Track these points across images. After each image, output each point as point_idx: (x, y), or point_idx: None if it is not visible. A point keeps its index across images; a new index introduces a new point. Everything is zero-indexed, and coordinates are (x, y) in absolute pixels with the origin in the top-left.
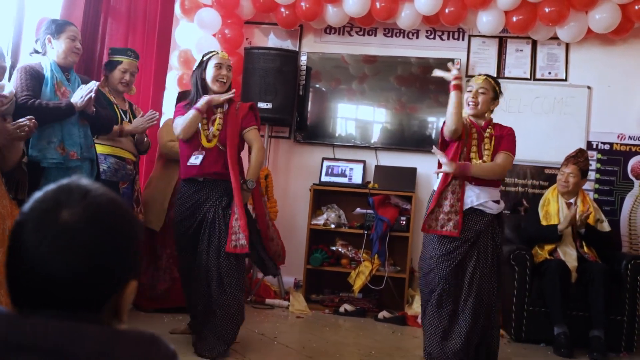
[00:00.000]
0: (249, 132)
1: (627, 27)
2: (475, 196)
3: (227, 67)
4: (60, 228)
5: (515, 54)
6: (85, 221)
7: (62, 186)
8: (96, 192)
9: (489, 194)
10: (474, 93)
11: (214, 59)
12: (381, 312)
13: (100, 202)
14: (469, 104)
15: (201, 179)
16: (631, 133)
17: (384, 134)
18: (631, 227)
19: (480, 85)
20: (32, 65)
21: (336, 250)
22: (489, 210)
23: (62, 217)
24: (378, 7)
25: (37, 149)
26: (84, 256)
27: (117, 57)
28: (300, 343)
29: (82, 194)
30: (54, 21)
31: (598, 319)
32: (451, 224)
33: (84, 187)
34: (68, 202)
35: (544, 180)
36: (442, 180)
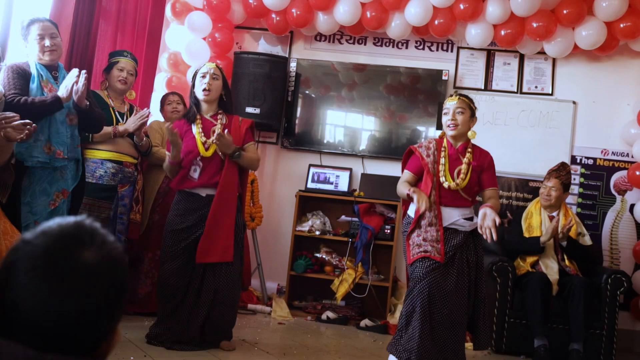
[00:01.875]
0: (250, 146)
1: (613, 44)
2: (447, 217)
3: (211, 75)
4: (81, 269)
5: (502, 67)
6: (110, 266)
7: (80, 226)
8: (109, 238)
9: (460, 213)
10: (452, 114)
11: (201, 70)
12: (363, 320)
13: (117, 248)
14: (449, 126)
15: (204, 194)
16: (615, 149)
17: (372, 142)
18: (612, 242)
19: (457, 105)
20: (19, 64)
21: (320, 257)
22: (461, 228)
23: (84, 258)
24: (368, 16)
25: (23, 146)
26: (97, 299)
27: (115, 58)
28: (281, 349)
29: (102, 237)
30: (22, 22)
31: (578, 332)
32: (434, 249)
33: (100, 230)
34: (91, 243)
35: (528, 192)
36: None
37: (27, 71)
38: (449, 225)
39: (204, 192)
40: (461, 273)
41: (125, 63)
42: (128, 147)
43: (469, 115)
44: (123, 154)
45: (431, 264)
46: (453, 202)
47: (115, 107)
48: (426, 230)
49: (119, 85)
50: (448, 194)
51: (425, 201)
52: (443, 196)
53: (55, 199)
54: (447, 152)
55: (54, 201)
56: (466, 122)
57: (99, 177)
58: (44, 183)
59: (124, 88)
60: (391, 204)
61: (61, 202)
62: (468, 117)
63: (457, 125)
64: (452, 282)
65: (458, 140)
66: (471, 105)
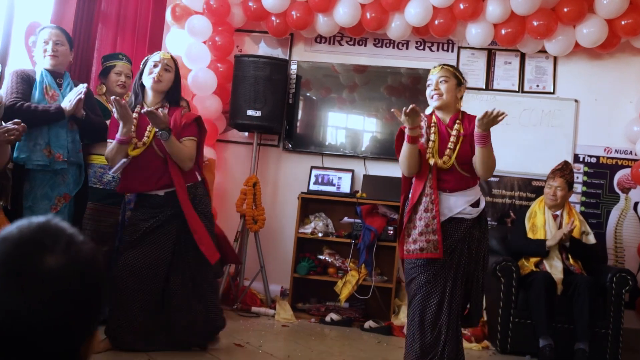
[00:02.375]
0: (186, 141)
1: (614, 41)
2: (453, 206)
3: (164, 65)
4: (43, 275)
5: (503, 67)
6: (75, 271)
7: (43, 228)
8: (78, 239)
9: (465, 199)
10: (435, 84)
11: (153, 57)
12: (367, 322)
13: (85, 250)
14: (432, 97)
15: (162, 193)
16: (617, 147)
17: (373, 143)
18: (617, 240)
19: (440, 74)
20: (24, 70)
21: (323, 259)
22: (468, 216)
23: (46, 264)
24: (368, 17)
25: (23, 150)
26: (64, 306)
27: (110, 62)
28: (286, 352)
29: (68, 239)
30: (36, 31)
31: (583, 331)
32: (430, 245)
33: (66, 231)
34: (54, 247)
35: (531, 192)
36: (413, 192)
37: (32, 77)
38: (454, 215)
39: (161, 192)
40: (459, 266)
41: (122, 66)
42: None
43: (455, 84)
44: None
45: (427, 274)
46: (457, 185)
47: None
48: (421, 217)
49: (119, 89)
50: (450, 177)
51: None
52: (445, 180)
53: (57, 203)
54: (438, 129)
55: (55, 205)
56: (451, 90)
57: (106, 183)
58: (45, 187)
59: (123, 92)
60: (394, 205)
61: (63, 206)
62: (453, 86)
63: (442, 95)
64: (449, 281)
65: (447, 114)
66: (457, 73)
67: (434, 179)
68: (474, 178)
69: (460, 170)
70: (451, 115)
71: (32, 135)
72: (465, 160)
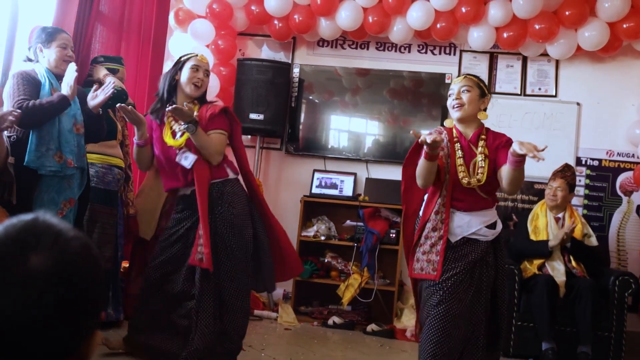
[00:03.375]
0: (213, 134)
1: (616, 45)
2: (466, 226)
3: (204, 71)
4: (28, 277)
5: (505, 70)
6: (60, 270)
7: (27, 226)
8: (67, 234)
9: (480, 219)
10: (456, 93)
11: (192, 61)
12: (370, 325)
13: (73, 247)
14: (453, 107)
15: (189, 192)
16: (620, 149)
17: (376, 146)
18: (619, 243)
19: (462, 83)
20: (27, 71)
21: (326, 262)
22: (483, 238)
23: (31, 264)
24: (370, 21)
25: (36, 155)
26: (54, 308)
27: (115, 65)
28: (288, 355)
29: (54, 236)
30: (45, 29)
31: (585, 334)
32: (430, 266)
33: (53, 228)
34: (38, 246)
35: (534, 195)
36: (425, 209)
37: (36, 79)
38: (469, 235)
39: (188, 190)
40: (479, 291)
41: (123, 72)
42: (117, 151)
43: (478, 94)
44: (114, 156)
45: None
46: (472, 205)
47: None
48: (428, 235)
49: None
50: (465, 196)
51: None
52: (459, 199)
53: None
54: (461, 144)
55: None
56: (474, 101)
57: (107, 183)
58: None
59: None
60: (396, 208)
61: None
62: (476, 96)
63: (463, 105)
64: (466, 304)
65: (469, 127)
66: (481, 84)
67: (448, 196)
68: (492, 200)
69: (479, 191)
70: (474, 129)
71: (44, 140)
72: (488, 180)
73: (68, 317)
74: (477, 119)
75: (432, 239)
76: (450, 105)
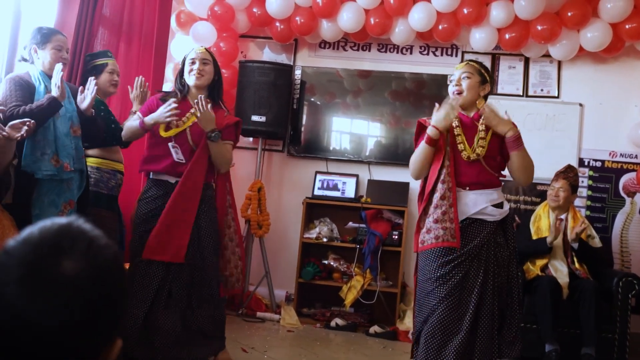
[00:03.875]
0: (226, 144)
1: (618, 45)
2: (472, 204)
3: (201, 60)
4: (61, 281)
5: (508, 71)
6: (92, 276)
7: (62, 230)
8: (100, 241)
9: (487, 197)
10: (457, 80)
11: (189, 55)
12: (372, 327)
13: (106, 255)
14: (453, 93)
15: (173, 181)
16: (623, 150)
17: (378, 148)
18: (623, 244)
19: (463, 70)
20: (21, 75)
21: (328, 264)
22: (490, 217)
23: (63, 269)
24: (372, 22)
25: (32, 160)
26: (83, 314)
27: (101, 60)
28: (291, 357)
29: (88, 242)
30: (40, 30)
31: (589, 336)
32: (448, 233)
33: (87, 233)
34: (72, 251)
35: (536, 196)
36: (428, 181)
37: (30, 83)
38: (474, 214)
39: (172, 179)
40: (487, 277)
41: (114, 64)
42: (119, 155)
43: (478, 81)
44: (115, 161)
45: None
46: (477, 178)
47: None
48: (437, 204)
49: (112, 89)
50: (469, 170)
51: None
52: (463, 174)
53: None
54: (461, 121)
55: (62, 212)
56: (473, 87)
57: (111, 188)
58: (52, 195)
59: (114, 91)
60: (398, 209)
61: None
62: (476, 83)
63: (462, 92)
64: (475, 295)
65: (469, 110)
66: (482, 70)
67: (452, 165)
68: (498, 177)
69: (485, 164)
70: (473, 113)
71: (39, 144)
72: (492, 154)
73: (93, 323)
74: (476, 105)
75: (443, 207)
76: (450, 92)
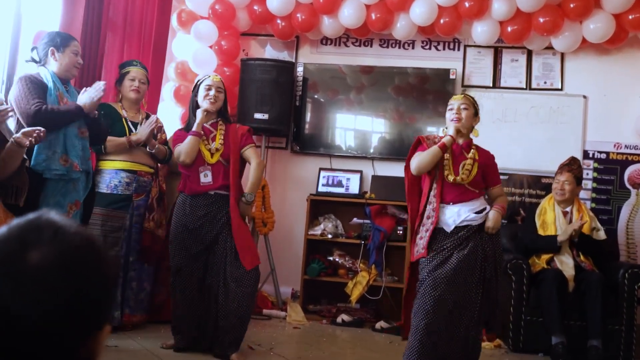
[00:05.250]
0: (248, 150)
1: (622, 36)
2: (456, 215)
3: (216, 88)
4: (28, 272)
5: (510, 64)
6: (60, 264)
7: (29, 223)
8: (69, 229)
9: (469, 208)
10: (456, 109)
11: (205, 82)
12: (379, 323)
13: (74, 241)
14: (452, 120)
15: (212, 192)
16: (627, 142)
17: (382, 144)
18: (628, 236)
19: (462, 101)
20: (33, 74)
21: (333, 260)
22: (474, 222)
23: (30, 260)
24: (373, 18)
25: (41, 159)
26: (55, 303)
27: (125, 69)
28: (297, 354)
29: (53, 231)
30: (59, 34)
31: (595, 328)
32: (420, 246)
33: (54, 223)
34: (37, 241)
35: (541, 189)
36: (421, 202)
37: (42, 82)
38: (459, 223)
39: (212, 191)
40: (473, 266)
41: (136, 72)
42: (143, 156)
43: (472, 113)
44: (138, 163)
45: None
46: (460, 197)
47: (128, 118)
48: (423, 223)
49: (132, 94)
50: (453, 190)
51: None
52: (447, 193)
53: (69, 210)
54: (451, 148)
55: (67, 213)
56: (469, 118)
57: (113, 187)
58: (58, 195)
59: (137, 97)
60: (403, 205)
61: (74, 213)
62: (471, 115)
63: (461, 120)
64: (460, 279)
65: (461, 139)
66: (475, 104)
67: (439, 189)
68: (479, 192)
69: (468, 186)
70: (465, 140)
71: (49, 144)
72: (476, 182)
73: (71, 312)
74: (468, 134)
75: (426, 225)
76: (449, 118)
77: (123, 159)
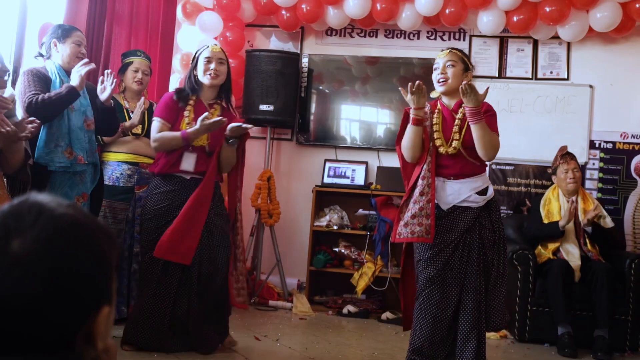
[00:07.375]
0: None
1: (629, 25)
2: (456, 193)
3: (217, 60)
4: (11, 261)
5: (516, 54)
6: (41, 249)
7: (12, 209)
8: (53, 211)
9: (470, 186)
10: (442, 68)
11: (204, 53)
12: (384, 313)
13: (57, 224)
14: (439, 81)
15: (188, 177)
16: (634, 131)
17: (387, 135)
18: (635, 226)
19: (447, 58)
20: (38, 68)
21: (339, 251)
22: (474, 204)
23: (12, 248)
24: (378, 8)
25: (45, 152)
26: (43, 289)
27: (128, 59)
28: (303, 345)
29: (35, 216)
30: (61, 26)
31: (602, 318)
32: (422, 229)
33: (37, 206)
34: (18, 228)
35: (547, 179)
36: (412, 176)
37: (47, 75)
38: (459, 203)
39: (187, 175)
40: (470, 259)
41: (140, 63)
42: (145, 148)
43: (462, 69)
44: (140, 155)
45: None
46: (462, 170)
47: (129, 109)
48: (416, 200)
49: (135, 86)
50: (454, 162)
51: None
52: (448, 166)
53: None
54: (442, 114)
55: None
56: (457, 75)
57: (115, 179)
58: (65, 187)
59: (140, 88)
60: None
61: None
62: (460, 71)
63: (447, 80)
64: (458, 269)
65: (452, 99)
66: (464, 58)
67: (433, 162)
68: (481, 165)
69: (466, 155)
70: (456, 100)
71: (53, 136)
72: (471, 145)
73: (60, 298)
74: (458, 90)
75: (421, 202)
76: (436, 80)
77: (125, 151)
